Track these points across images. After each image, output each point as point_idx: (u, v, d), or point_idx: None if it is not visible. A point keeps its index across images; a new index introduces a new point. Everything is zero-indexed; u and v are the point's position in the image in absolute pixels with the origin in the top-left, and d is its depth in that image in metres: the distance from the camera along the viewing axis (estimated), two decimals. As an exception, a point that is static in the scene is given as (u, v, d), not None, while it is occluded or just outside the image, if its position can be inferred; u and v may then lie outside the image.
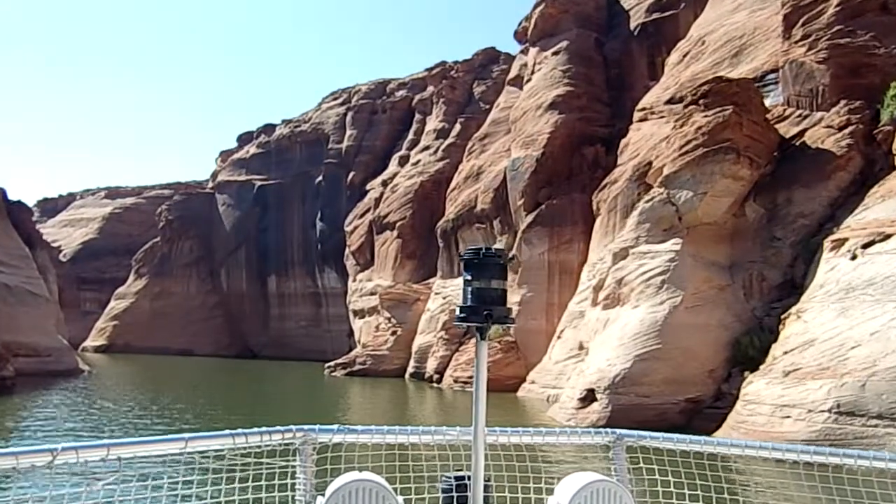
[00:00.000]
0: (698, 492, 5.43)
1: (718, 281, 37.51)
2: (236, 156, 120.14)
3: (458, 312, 3.82)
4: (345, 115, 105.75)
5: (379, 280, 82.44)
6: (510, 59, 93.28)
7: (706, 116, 37.44)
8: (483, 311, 3.74)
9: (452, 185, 73.87)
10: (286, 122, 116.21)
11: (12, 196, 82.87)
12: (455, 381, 58.38)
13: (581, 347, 48.61)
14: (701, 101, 38.37)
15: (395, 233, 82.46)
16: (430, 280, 74.15)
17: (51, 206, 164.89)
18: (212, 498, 4.57)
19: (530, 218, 60.56)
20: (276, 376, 75.28)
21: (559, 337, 51.30)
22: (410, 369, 68.05)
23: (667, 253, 37.89)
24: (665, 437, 5.29)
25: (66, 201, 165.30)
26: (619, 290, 39.11)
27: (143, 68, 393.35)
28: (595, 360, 37.41)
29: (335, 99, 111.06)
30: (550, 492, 4.76)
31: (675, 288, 36.68)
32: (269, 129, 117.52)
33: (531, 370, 56.92)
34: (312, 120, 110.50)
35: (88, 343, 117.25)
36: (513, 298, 60.63)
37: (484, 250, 3.79)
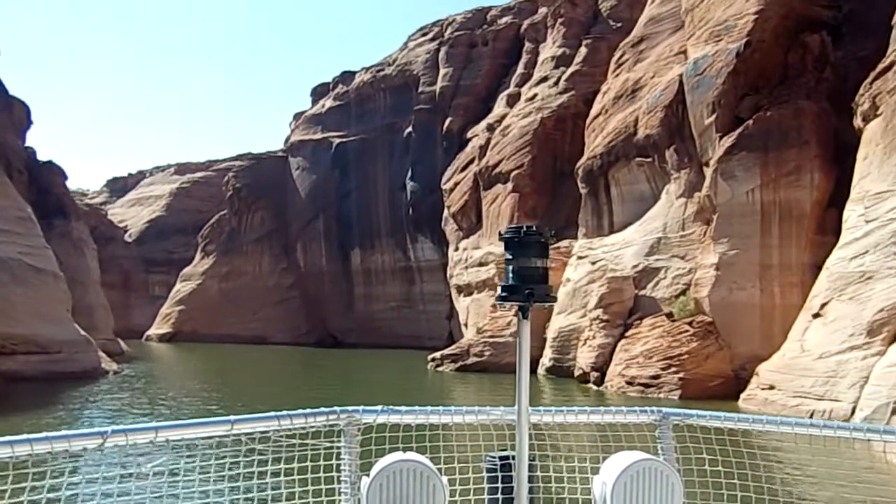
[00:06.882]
0: (747, 470, 5.42)
1: None
2: (310, 112, 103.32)
3: (499, 291, 3.84)
4: (437, 51, 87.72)
5: (489, 247, 65.26)
6: (645, -35, 74.30)
7: None
8: (525, 290, 3.71)
9: (595, 110, 54.52)
10: (367, 68, 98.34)
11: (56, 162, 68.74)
12: (629, 383, 39.49)
13: (871, 333, 29.13)
14: None
15: (510, 185, 64.85)
16: (564, 241, 55.29)
17: (120, 186, 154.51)
18: (258, 479, 4.66)
19: (729, 141, 41.06)
20: (365, 372, 60.30)
21: (817, 315, 31.83)
22: (546, 362, 49.65)
23: None
24: (712, 415, 5.18)
25: (136, 180, 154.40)
26: None
27: (216, 39, 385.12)
28: None
29: (424, 35, 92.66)
30: (596, 471, 4.57)
31: None
32: (347, 77, 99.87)
33: (741, 363, 38.34)
34: (398, 61, 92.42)
35: (152, 331, 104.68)
36: (705, 260, 41.40)
37: (525, 228, 3.77)
